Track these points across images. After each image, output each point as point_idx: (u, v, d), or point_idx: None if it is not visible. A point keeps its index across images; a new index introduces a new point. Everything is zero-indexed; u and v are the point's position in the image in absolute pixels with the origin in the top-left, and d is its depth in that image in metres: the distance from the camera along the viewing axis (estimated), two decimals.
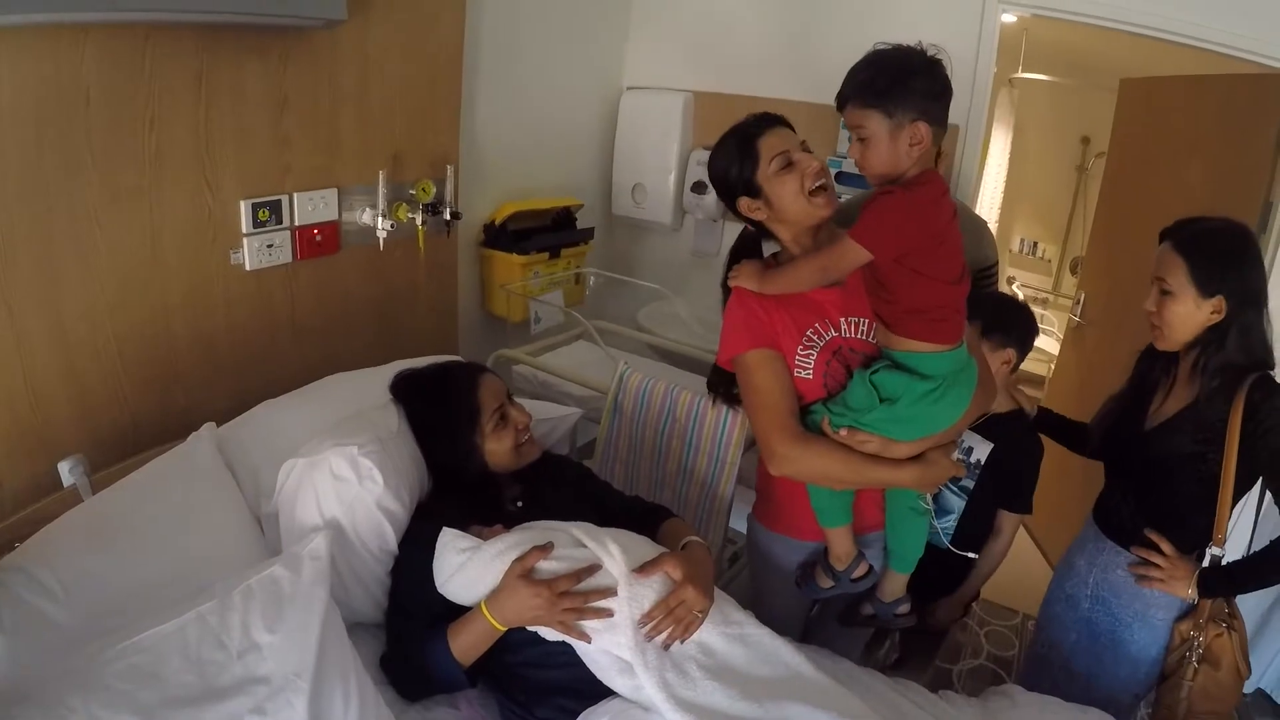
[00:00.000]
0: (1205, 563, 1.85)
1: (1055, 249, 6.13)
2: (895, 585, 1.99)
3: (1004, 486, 2.19)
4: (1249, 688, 3.04)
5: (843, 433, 1.69)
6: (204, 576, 1.53)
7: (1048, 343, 5.59)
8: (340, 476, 1.70)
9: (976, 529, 2.25)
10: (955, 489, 2.16)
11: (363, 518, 1.72)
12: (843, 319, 1.77)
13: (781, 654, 1.66)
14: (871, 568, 1.93)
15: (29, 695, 1.28)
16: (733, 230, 3.56)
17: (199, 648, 1.38)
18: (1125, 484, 2.02)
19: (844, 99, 1.58)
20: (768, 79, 3.33)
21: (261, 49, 2.08)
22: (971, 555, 2.24)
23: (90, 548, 1.64)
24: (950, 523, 2.21)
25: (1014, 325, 2.14)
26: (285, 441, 1.81)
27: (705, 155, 3.41)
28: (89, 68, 1.78)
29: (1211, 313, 1.77)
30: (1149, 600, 1.93)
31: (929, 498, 1.93)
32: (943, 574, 2.25)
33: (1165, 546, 1.88)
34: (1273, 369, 1.80)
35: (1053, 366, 4.78)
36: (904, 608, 2.01)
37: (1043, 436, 2.26)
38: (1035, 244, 6.28)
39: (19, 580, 1.53)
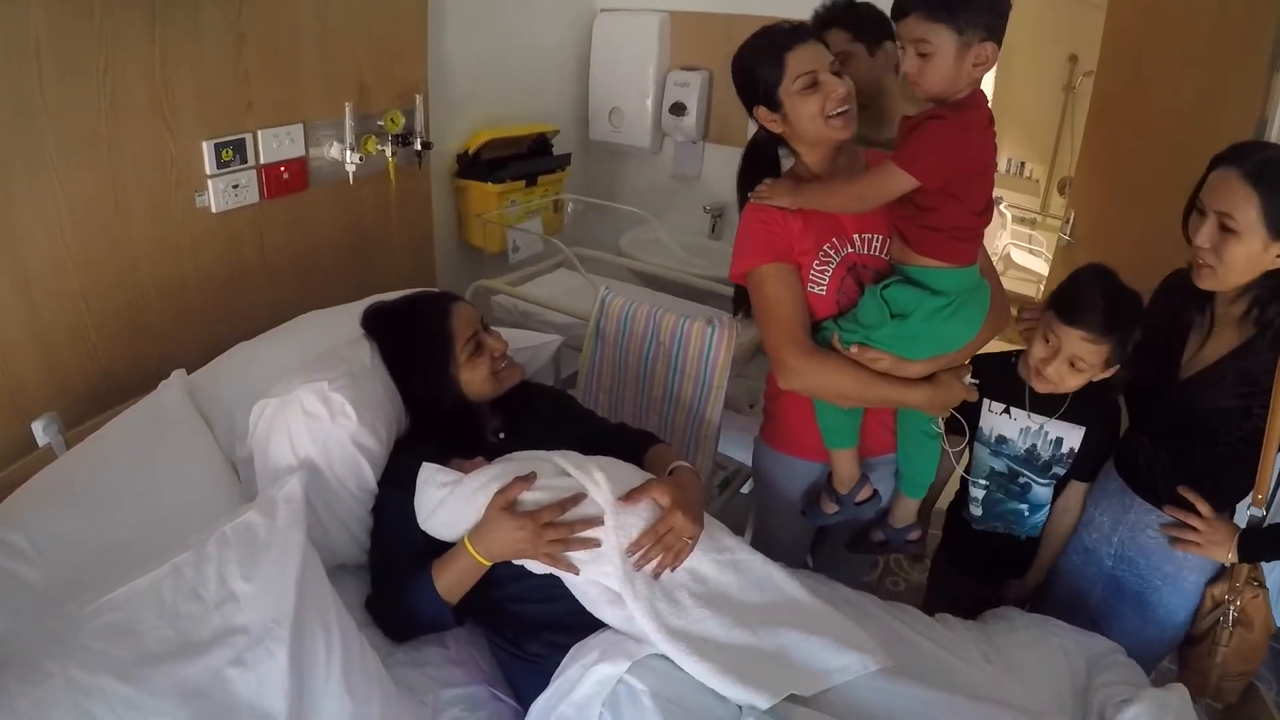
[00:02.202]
0: (1244, 524, 1.78)
1: (1043, 169, 6.07)
2: (907, 510, 2.00)
3: (1080, 462, 1.99)
4: None
5: (854, 349, 1.68)
6: (180, 528, 1.50)
7: (1036, 263, 5.57)
8: (312, 414, 1.68)
9: None
10: (1044, 480, 2.00)
11: (338, 455, 1.70)
12: (857, 235, 1.75)
13: (775, 579, 1.65)
14: (876, 492, 1.94)
15: (4, 661, 1.26)
16: (713, 153, 3.52)
17: (175, 601, 1.35)
18: (1155, 436, 1.88)
19: (905, 7, 1.48)
20: None
21: None
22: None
23: (62, 507, 1.62)
24: (1040, 518, 2.07)
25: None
26: (259, 384, 1.77)
27: (683, 76, 3.38)
28: (36, 16, 1.70)
29: (1278, 256, 1.58)
30: (1181, 563, 1.84)
31: (940, 422, 1.90)
32: (1016, 562, 2.15)
33: (1203, 508, 1.78)
34: None
35: (1042, 287, 4.77)
36: (915, 533, 2.03)
37: None
38: (1023, 164, 6.22)
39: None
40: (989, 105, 1.55)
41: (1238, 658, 1.84)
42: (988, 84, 5.45)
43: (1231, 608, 1.82)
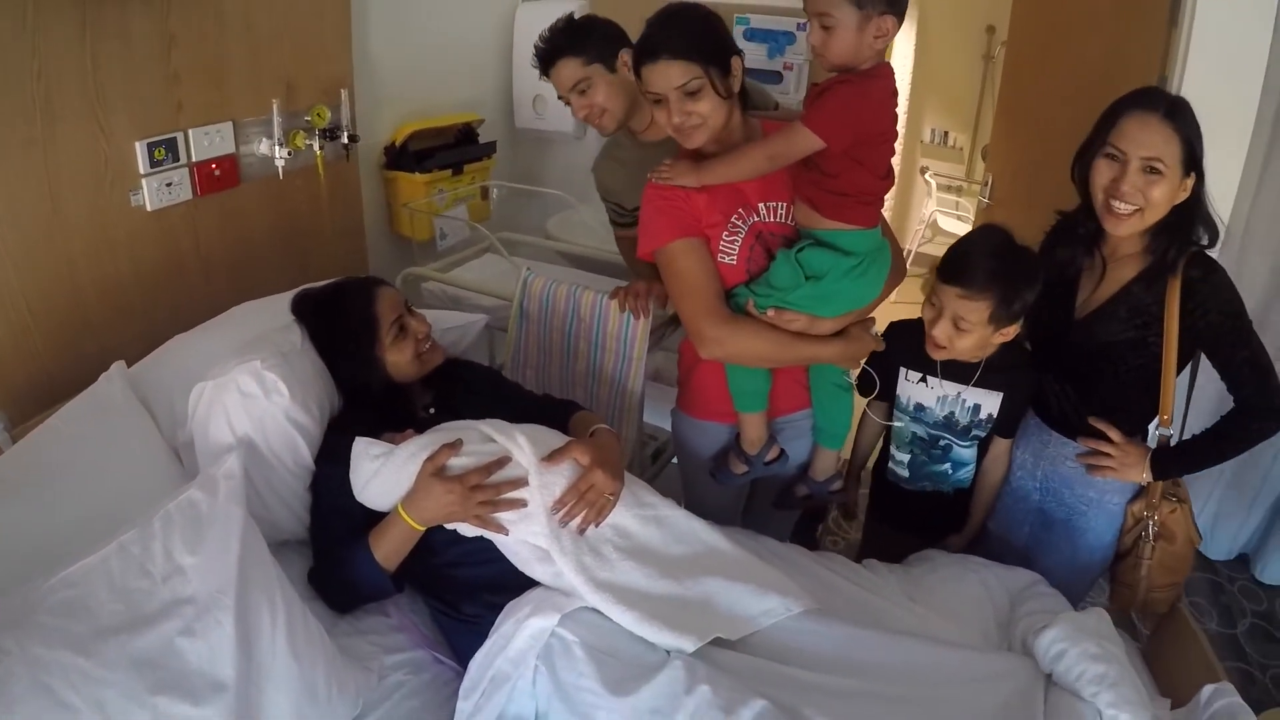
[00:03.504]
0: (1154, 444, 1.90)
1: (966, 137, 6.25)
2: (827, 462, 2.11)
3: (1001, 423, 2.07)
4: (1223, 552, 3.24)
5: (770, 313, 1.78)
6: (126, 511, 1.55)
7: (963, 229, 5.73)
8: (247, 393, 1.74)
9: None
10: (966, 441, 2.08)
11: (274, 431, 1.76)
12: (762, 204, 1.84)
13: (698, 532, 1.75)
14: (784, 451, 2.04)
15: None
16: None
17: (124, 577, 1.41)
18: (1062, 374, 1.99)
19: None
20: None
21: None
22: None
23: (8, 498, 1.68)
24: (967, 474, 2.14)
25: None
26: (196, 372, 1.82)
27: None
28: None
29: (1181, 191, 1.70)
30: (1102, 487, 1.96)
31: (851, 374, 2.03)
32: (949, 516, 2.23)
33: (1113, 434, 1.89)
34: (1213, 245, 1.78)
35: None
36: (837, 484, 2.14)
37: None
38: (946, 133, 6.41)
39: None
40: (894, 78, 1.66)
41: (1162, 569, 1.97)
42: (908, 58, 5.62)
43: (1151, 523, 1.94)
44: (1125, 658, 1.59)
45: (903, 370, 2.07)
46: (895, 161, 5.88)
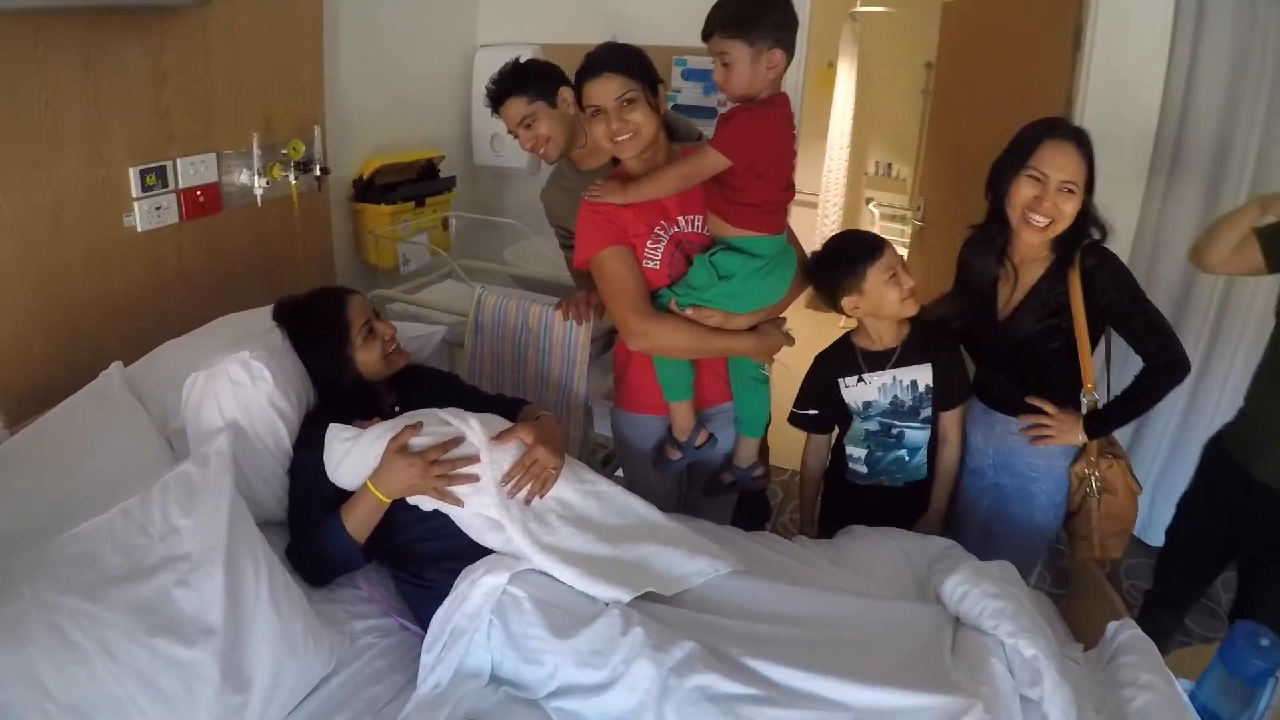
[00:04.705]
0: (1084, 410, 2.15)
1: (909, 169, 6.52)
2: (748, 450, 2.34)
3: (939, 394, 2.28)
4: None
5: (690, 310, 2.02)
6: (123, 488, 1.71)
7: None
8: (237, 381, 1.94)
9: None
10: (918, 423, 2.29)
11: (258, 415, 1.96)
12: (681, 216, 2.09)
13: (634, 506, 1.95)
14: (711, 435, 2.26)
15: None
16: None
17: (126, 535, 1.59)
18: (995, 367, 2.25)
19: (710, 29, 1.87)
20: (614, 26, 3.46)
21: (142, 29, 2.30)
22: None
23: (17, 473, 1.86)
24: (921, 460, 2.34)
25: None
26: (186, 371, 2.03)
27: None
28: None
29: (1082, 202, 1.99)
30: (1047, 454, 2.20)
31: (768, 367, 2.26)
32: (909, 506, 2.40)
33: (1048, 407, 2.14)
34: (1104, 240, 2.06)
35: None
36: (759, 470, 2.36)
37: None
38: (889, 165, 6.69)
39: None
40: (789, 105, 1.94)
41: (1109, 519, 2.21)
42: (849, 95, 5.91)
43: (1094, 479, 2.20)
44: (1025, 597, 1.76)
45: (840, 381, 2.30)
46: (839, 193, 6.19)
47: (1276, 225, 2.06)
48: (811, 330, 2.28)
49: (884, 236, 2.21)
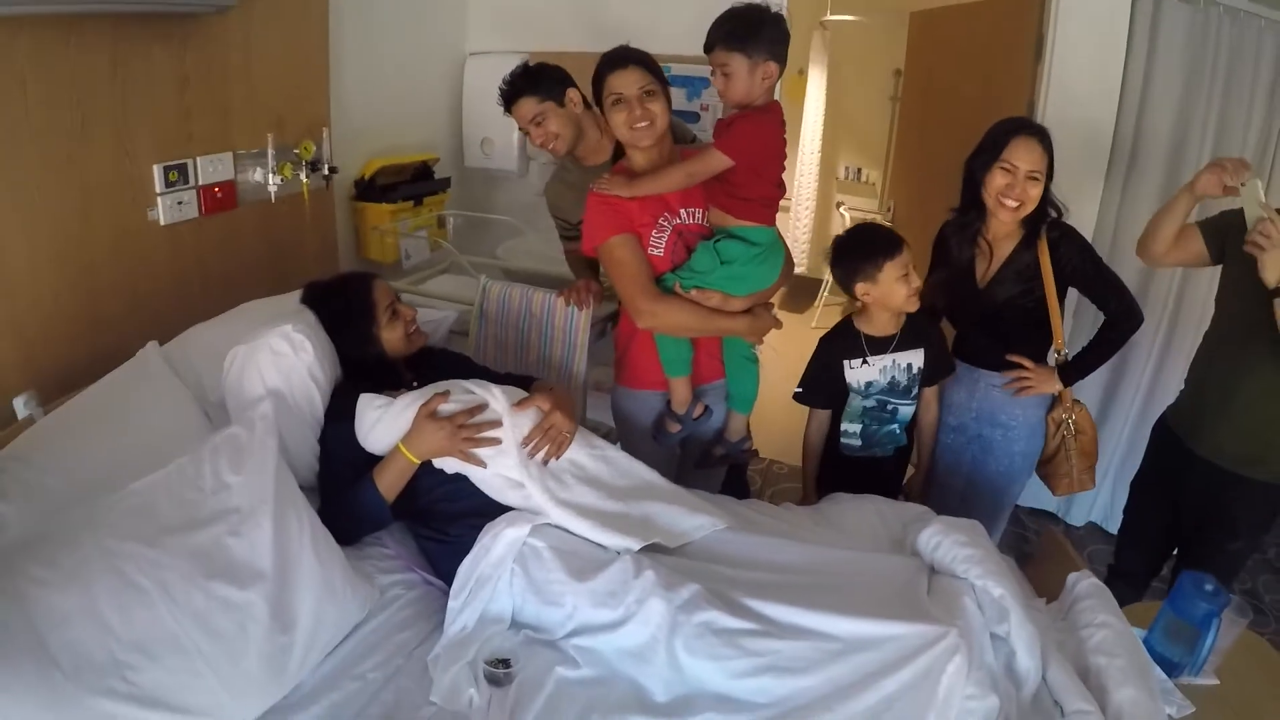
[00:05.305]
0: (1054, 362, 2.45)
1: (878, 173, 6.72)
2: (739, 424, 2.52)
3: (928, 372, 2.55)
4: (1080, 520, 3.77)
5: (693, 292, 2.20)
6: (167, 455, 1.81)
7: None
8: (279, 352, 2.08)
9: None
10: (907, 400, 2.54)
11: (298, 383, 2.10)
12: (682, 209, 2.27)
13: (638, 470, 2.14)
14: (707, 407, 2.43)
15: (48, 535, 1.59)
16: None
17: (181, 490, 1.71)
18: (977, 330, 2.55)
19: (711, 43, 2.07)
20: (599, 35, 3.63)
21: (165, 34, 2.43)
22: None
23: (71, 437, 2.00)
24: (904, 427, 2.61)
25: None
26: (218, 350, 2.17)
27: None
28: (23, 55, 2.08)
29: (1044, 187, 2.31)
30: (1025, 404, 2.50)
31: (758, 348, 2.46)
32: (884, 475, 2.67)
33: (1026, 362, 2.44)
34: (1061, 217, 2.39)
35: None
36: (748, 444, 2.55)
37: None
38: (860, 170, 6.90)
39: (16, 466, 1.89)
40: (781, 112, 2.16)
41: (1082, 455, 2.54)
42: (820, 102, 6.08)
43: (1070, 422, 2.52)
44: (992, 548, 1.96)
45: (845, 363, 2.52)
46: (811, 197, 6.36)
47: (1217, 218, 2.28)
48: (783, 328, 2.49)
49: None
